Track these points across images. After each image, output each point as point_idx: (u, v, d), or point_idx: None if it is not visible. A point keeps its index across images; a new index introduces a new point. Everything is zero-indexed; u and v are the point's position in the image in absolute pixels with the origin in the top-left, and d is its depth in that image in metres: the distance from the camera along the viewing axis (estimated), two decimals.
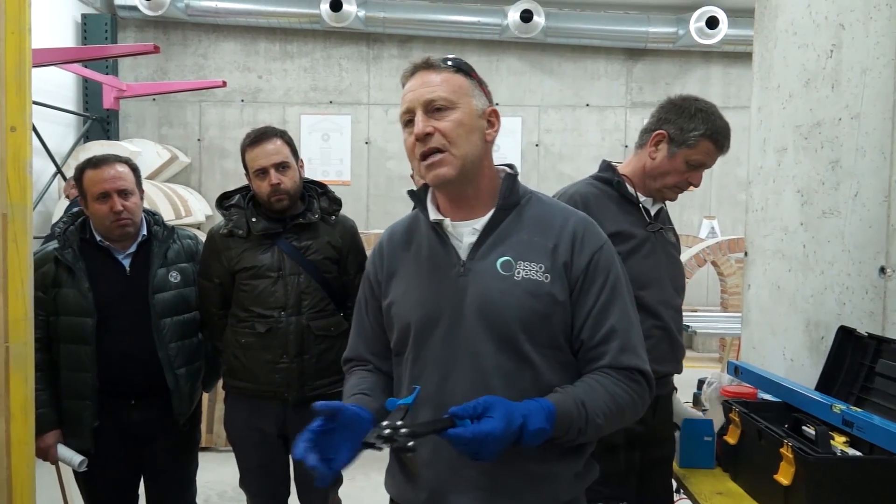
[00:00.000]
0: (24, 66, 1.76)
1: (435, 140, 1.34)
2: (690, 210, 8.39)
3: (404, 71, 1.42)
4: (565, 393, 1.29)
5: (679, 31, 7.74)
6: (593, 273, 1.36)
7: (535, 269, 1.35)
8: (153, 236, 2.41)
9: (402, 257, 1.47)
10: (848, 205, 2.13)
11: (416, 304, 1.40)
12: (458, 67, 1.39)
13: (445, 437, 1.18)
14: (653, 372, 2.06)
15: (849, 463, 1.67)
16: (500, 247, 1.37)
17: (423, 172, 1.38)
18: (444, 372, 1.35)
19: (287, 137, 2.43)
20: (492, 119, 1.42)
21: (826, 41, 2.25)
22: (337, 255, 2.48)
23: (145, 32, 8.09)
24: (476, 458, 1.18)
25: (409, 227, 1.52)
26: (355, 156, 8.30)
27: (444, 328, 1.36)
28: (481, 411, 1.18)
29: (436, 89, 1.35)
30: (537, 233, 1.39)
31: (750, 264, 2.77)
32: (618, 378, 1.33)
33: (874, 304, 2.02)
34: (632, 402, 1.34)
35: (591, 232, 1.41)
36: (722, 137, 2.01)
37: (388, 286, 1.47)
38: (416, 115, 1.36)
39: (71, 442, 2.30)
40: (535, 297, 1.34)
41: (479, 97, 1.40)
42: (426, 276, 1.41)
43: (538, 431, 1.21)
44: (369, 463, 1.61)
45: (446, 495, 1.35)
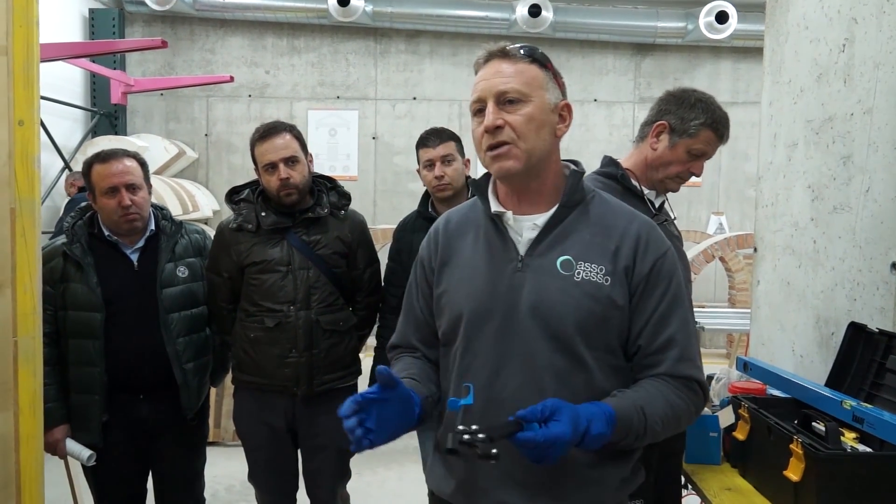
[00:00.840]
0: (32, 59, 1.75)
1: (504, 134, 1.31)
2: (698, 206, 8.36)
3: (477, 58, 1.38)
4: (625, 398, 1.27)
5: (688, 25, 7.69)
6: (655, 279, 1.34)
7: (596, 270, 1.32)
8: (161, 231, 2.41)
9: (457, 246, 1.44)
10: (859, 200, 2.11)
11: (470, 295, 1.37)
12: (534, 57, 1.35)
13: (514, 441, 1.16)
14: None
15: (859, 459, 1.65)
16: (561, 245, 1.35)
17: (487, 163, 1.35)
18: (495, 367, 1.33)
19: (296, 132, 2.43)
20: (563, 113, 1.38)
21: (838, 35, 2.23)
22: (346, 250, 2.48)
23: (153, 27, 8.10)
24: (540, 462, 1.16)
25: (466, 215, 1.48)
26: (362, 151, 8.30)
27: (498, 322, 1.34)
28: (549, 415, 1.17)
29: (509, 80, 1.31)
30: (599, 233, 1.36)
31: (759, 260, 2.76)
32: (675, 386, 1.32)
33: (885, 300, 2.00)
34: (688, 410, 1.34)
35: (655, 237, 1.38)
36: (722, 126, 2.02)
37: (441, 274, 1.45)
38: (487, 106, 1.32)
39: (79, 436, 2.31)
40: (595, 300, 1.31)
41: (552, 90, 1.36)
42: (482, 267, 1.38)
43: (599, 436, 1.20)
44: (376, 458, 1.61)
45: (486, 490, 1.34)
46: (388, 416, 1.20)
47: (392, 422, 1.21)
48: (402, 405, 1.23)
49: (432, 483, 1.47)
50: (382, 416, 1.20)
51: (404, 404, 1.23)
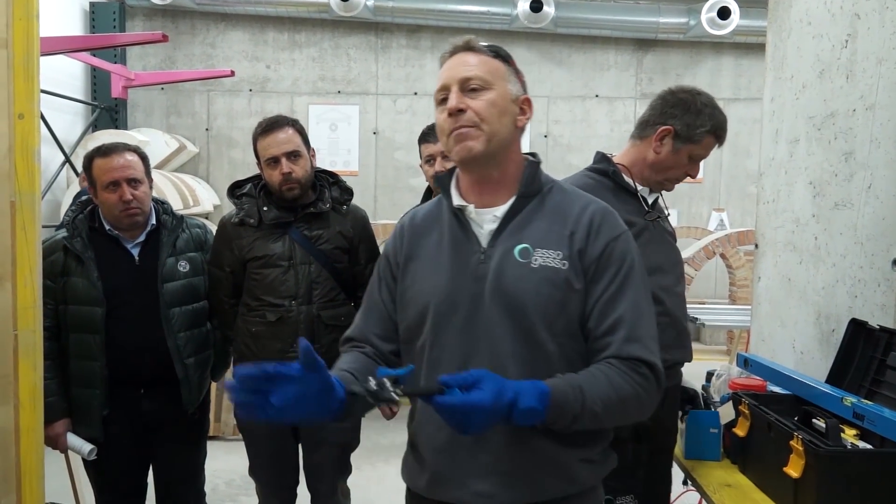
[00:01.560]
0: (32, 52, 1.75)
1: (467, 118, 1.35)
2: (699, 202, 8.35)
3: (443, 53, 1.43)
4: (565, 378, 1.28)
5: (690, 21, 7.68)
6: (606, 261, 1.35)
7: (553, 256, 1.35)
8: (162, 225, 2.41)
9: (422, 242, 1.47)
10: (861, 197, 2.11)
11: (436, 288, 1.40)
12: (497, 53, 1.41)
13: (433, 403, 1.17)
14: (661, 361, 2.04)
15: (859, 456, 1.66)
16: (520, 234, 1.38)
17: (451, 146, 1.38)
18: (464, 358, 1.35)
19: (299, 126, 2.43)
20: (524, 107, 1.43)
21: (841, 31, 2.22)
22: (348, 245, 2.48)
23: (153, 21, 8.09)
24: (462, 430, 1.17)
25: (432, 211, 1.52)
26: (363, 146, 8.29)
27: (464, 313, 1.36)
28: (472, 382, 1.18)
29: (472, 69, 1.37)
30: (556, 221, 1.39)
31: (760, 256, 2.76)
32: (621, 369, 1.31)
33: (886, 296, 2.00)
34: (635, 393, 1.31)
35: (609, 220, 1.40)
36: (723, 132, 2.04)
37: (406, 269, 1.47)
38: (450, 93, 1.37)
39: (80, 430, 2.31)
40: (553, 285, 1.33)
41: (514, 83, 1.41)
42: (447, 261, 1.41)
43: (528, 410, 1.20)
44: (376, 454, 1.61)
45: (462, 482, 1.35)
46: (298, 398, 1.14)
47: (302, 405, 1.15)
48: (321, 393, 1.17)
49: (406, 477, 1.48)
50: (292, 396, 1.14)
51: (323, 393, 1.18)
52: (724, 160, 8.22)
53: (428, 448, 1.40)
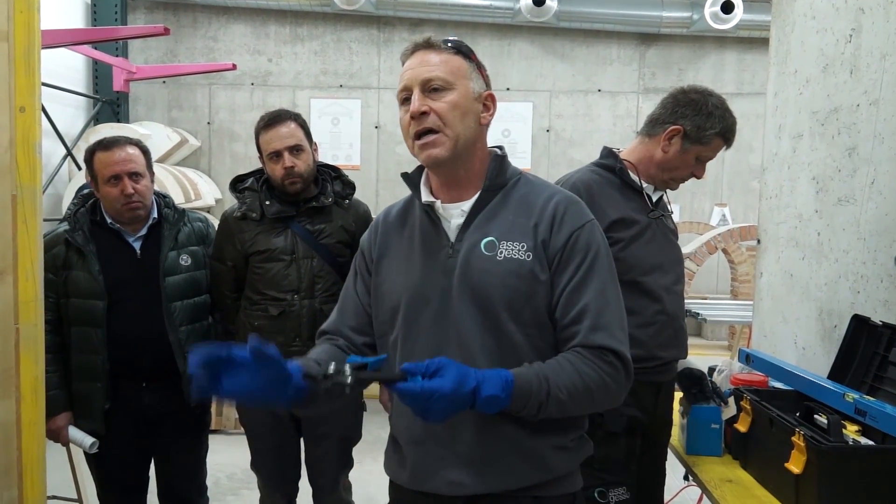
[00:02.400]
0: (33, 45, 1.75)
1: (430, 120, 1.36)
2: (702, 197, 8.33)
3: (404, 49, 1.43)
4: (529, 367, 1.30)
5: (693, 15, 7.64)
6: (570, 251, 1.36)
7: (518, 248, 1.36)
8: (164, 219, 2.41)
9: (394, 238, 1.50)
10: (864, 192, 2.10)
11: (407, 284, 1.42)
12: (458, 49, 1.41)
13: (394, 390, 1.20)
14: (657, 358, 2.03)
15: (861, 452, 1.65)
16: (486, 227, 1.40)
17: (416, 152, 1.39)
18: (435, 351, 1.36)
19: (301, 120, 2.43)
20: (487, 103, 1.44)
21: (845, 26, 2.21)
22: (350, 239, 2.48)
23: (155, 14, 8.07)
24: (425, 417, 1.19)
25: (404, 208, 1.54)
26: (365, 140, 8.28)
27: (434, 308, 1.38)
28: (433, 370, 1.20)
29: (434, 69, 1.37)
30: (522, 213, 1.40)
31: (763, 252, 2.75)
32: (587, 357, 1.31)
33: (889, 292, 1.99)
34: (602, 382, 1.31)
35: (574, 211, 1.40)
36: (732, 135, 2.04)
37: (379, 265, 1.50)
38: (412, 94, 1.37)
39: (82, 424, 2.32)
40: (518, 276, 1.35)
41: (476, 80, 1.42)
42: (418, 257, 1.43)
43: (491, 398, 1.21)
44: (378, 447, 1.61)
45: (438, 472, 1.37)
46: (248, 384, 1.17)
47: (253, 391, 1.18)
48: (273, 381, 1.19)
49: (388, 470, 1.50)
50: (242, 382, 1.17)
51: (277, 381, 1.20)
52: (727, 155, 8.19)
53: (405, 439, 1.43)
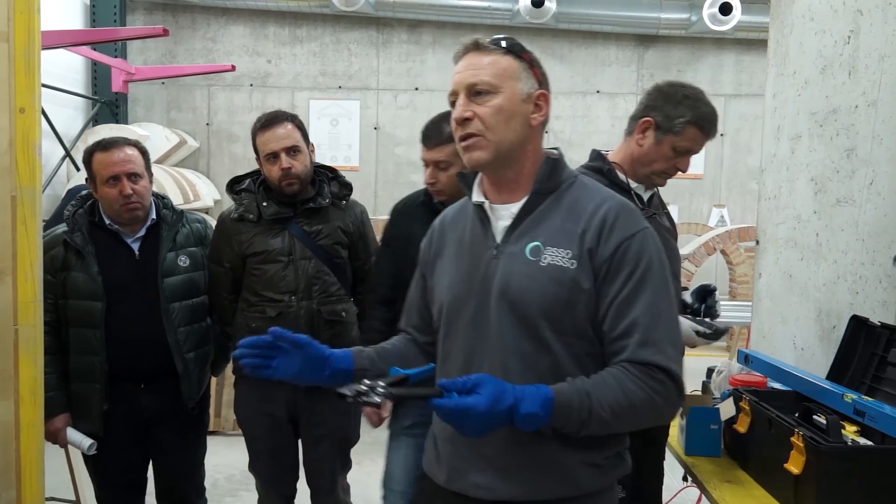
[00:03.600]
0: (33, 46, 1.74)
1: (473, 125, 1.35)
2: (700, 198, 8.34)
3: (455, 53, 1.42)
4: (572, 383, 1.26)
5: (692, 17, 7.66)
6: (620, 261, 1.31)
7: (562, 254, 1.33)
8: (162, 220, 2.40)
9: (449, 239, 1.50)
10: (863, 193, 2.10)
11: (451, 283, 1.43)
12: (509, 49, 1.38)
13: (430, 405, 1.20)
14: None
15: (860, 452, 1.66)
16: (533, 231, 1.37)
17: (461, 153, 1.39)
18: (470, 353, 1.37)
19: (298, 122, 2.42)
20: (539, 103, 1.40)
21: (843, 27, 2.21)
22: (347, 240, 2.48)
23: (154, 15, 8.07)
24: (462, 432, 1.19)
25: (460, 209, 1.54)
26: (364, 141, 8.28)
27: (472, 309, 1.38)
28: (470, 387, 1.19)
29: (479, 73, 1.35)
30: (570, 218, 1.36)
31: (761, 252, 2.75)
32: (634, 374, 1.26)
33: (888, 293, 2.00)
34: (649, 400, 1.26)
35: (625, 219, 1.35)
36: (708, 123, 2.02)
37: (434, 266, 1.51)
38: (458, 98, 1.37)
39: (80, 425, 2.31)
40: (559, 284, 1.31)
41: (526, 80, 1.38)
42: (465, 257, 1.43)
43: (529, 416, 1.19)
44: (376, 449, 1.62)
45: (464, 473, 1.37)
46: (290, 365, 1.39)
47: (293, 370, 1.39)
48: (310, 361, 1.39)
49: (425, 465, 1.51)
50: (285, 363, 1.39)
51: (314, 361, 1.39)
52: (726, 156, 8.20)
53: (440, 436, 1.45)
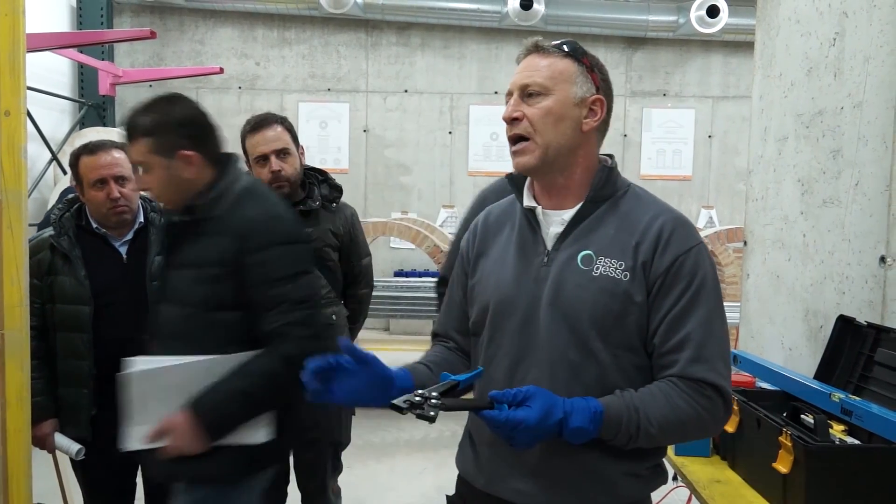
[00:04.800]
0: (18, 48, 1.73)
1: (521, 126, 1.34)
2: (689, 199, 8.38)
3: (518, 54, 1.42)
4: (621, 397, 1.26)
5: (679, 19, 7.70)
6: (675, 276, 1.30)
7: (615, 266, 1.31)
8: (150, 223, 2.39)
9: (493, 239, 1.48)
10: (849, 194, 2.12)
11: (498, 286, 1.41)
12: (569, 52, 1.37)
13: (480, 417, 1.20)
14: None
15: (847, 451, 1.67)
16: (585, 240, 1.35)
17: (511, 156, 1.39)
18: (516, 358, 1.36)
19: (287, 124, 2.42)
20: (594, 107, 1.38)
21: (829, 29, 2.23)
22: (338, 243, 2.47)
23: (141, 18, 8.03)
24: (511, 443, 1.19)
25: (506, 210, 1.52)
26: (353, 144, 8.27)
27: (521, 314, 1.36)
28: (521, 399, 1.19)
29: (534, 74, 1.35)
30: (624, 229, 1.34)
31: (749, 253, 2.77)
32: (684, 389, 1.26)
33: (874, 293, 2.01)
34: (696, 416, 1.26)
35: (681, 233, 1.34)
36: None
37: (476, 265, 1.49)
38: (511, 99, 1.37)
39: (68, 430, 2.29)
40: (611, 295, 1.30)
41: (582, 84, 1.36)
42: (512, 260, 1.41)
43: (578, 430, 1.20)
44: (367, 452, 1.62)
45: (505, 478, 1.36)
46: (352, 386, 1.29)
47: (356, 392, 1.29)
48: (375, 382, 1.30)
49: (459, 466, 1.50)
50: (347, 384, 1.29)
51: (378, 382, 1.30)
52: (714, 158, 8.25)
53: (480, 439, 1.43)
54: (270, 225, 1.77)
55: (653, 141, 8.31)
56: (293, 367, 1.51)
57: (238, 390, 1.68)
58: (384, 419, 2.45)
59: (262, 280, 1.72)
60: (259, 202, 1.82)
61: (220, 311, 1.74)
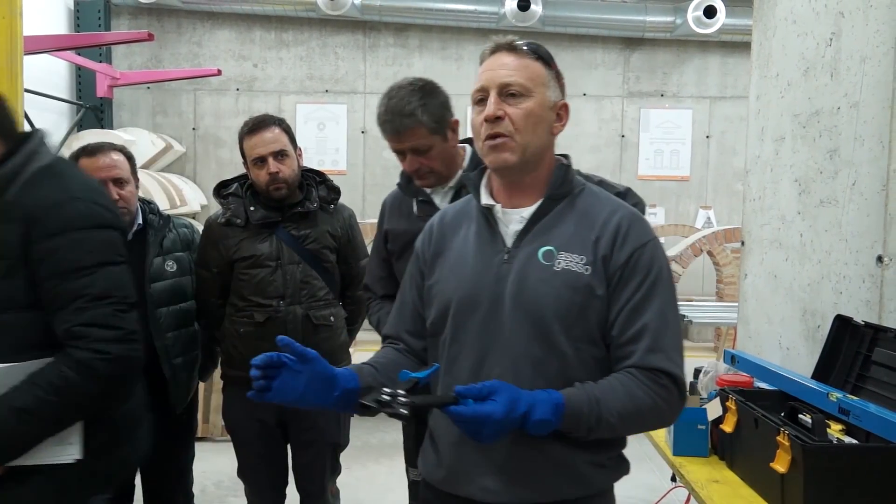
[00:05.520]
0: (16, 51, 1.74)
1: (503, 126, 1.35)
2: (687, 200, 8.39)
3: (484, 49, 1.41)
4: (582, 389, 1.28)
5: (676, 20, 7.71)
6: (632, 269, 1.34)
7: (577, 260, 1.35)
8: (149, 225, 2.39)
9: (450, 239, 1.49)
10: (846, 194, 2.13)
11: (459, 285, 1.41)
12: (539, 55, 1.39)
13: (446, 412, 1.21)
14: None
15: (845, 451, 1.67)
16: (545, 236, 1.38)
17: (485, 153, 1.38)
18: (480, 356, 1.37)
19: (285, 125, 2.42)
20: (561, 113, 1.42)
21: (825, 29, 2.24)
22: (336, 244, 2.48)
23: (139, 20, 8.03)
24: (476, 438, 1.20)
25: (461, 209, 1.53)
26: (351, 145, 8.27)
27: (484, 312, 1.37)
28: (486, 394, 1.20)
29: (513, 74, 1.35)
30: (583, 225, 1.38)
31: (747, 254, 2.77)
32: (641, 379, 1.30)
33: (871, 293, 2.02)
34: (653, 405, 1.30)
35: (637, 228, 1.38)
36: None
37: (434, 265, 1.49)
38: (489, 96, 1.36)
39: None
40: (574, 290, 1.33)
41: (553, 89, 1.40)
42: (472, 259, 1.42)
43: (541, 422, 1.22)
44: (366, 453, 1.62)
45: (471, 477, 1.37)
46: (295, 385, 1.26)
47: (299, 391, 1.27)
48: (318, 380, 1.28)
49: (423, 469, 1.50)
50: (289, 383, 1.26)
51: (321, 380, 1.28)
52: (712, 158, 8.25)
53: (443, 441, 1.43)
54: (67, 207, 1.49)
55: (650, 141, 8.31)
56: (91, 375, 1.38)
57: (19, 407, 1.42)
58: (383, 421, 2.44)
59: (53, 272, 1.45)
60: (58, 182, 1.53)
61: (11, 311, 1.47)
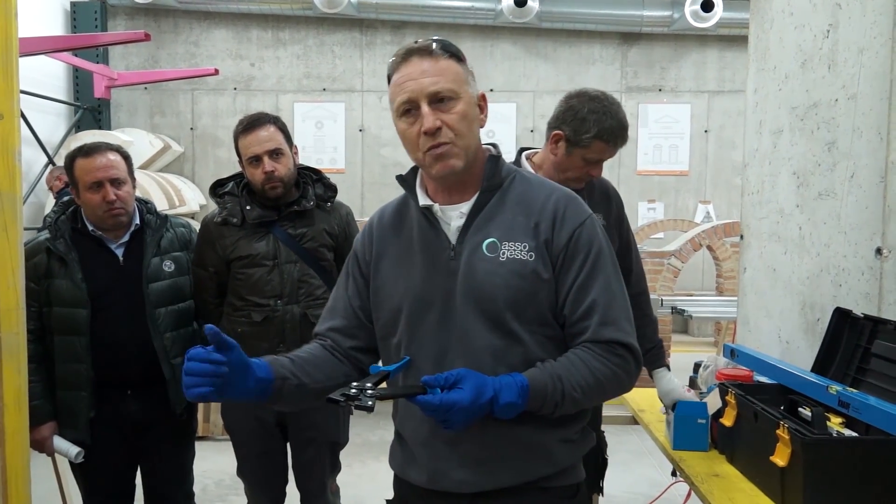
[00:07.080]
0: (11, 51, 1.73)
1: (444, 135, 1.34)
2: (686, 194, 8.39)
3: (394, 56, 1.40)
4: (542, 368, 1.32)
5: (674, 14, 7.71)
6: (574, 249, 1.37)
7: (520, 248, 1.37)
8: (146, 225, 2.39)
9: (391, 241, 1.49)
10: (844, 186, 2.12)
11: (408, 288, 1.42)
12: (453, 53, 1.39)
13: (414, 402, 1.23)
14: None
15: (845, 444, 1.67)
16: (486, 228, 1.40)
17: (428, 163, 1.37)
18: (440, 354, 1.38)
19: (280, 124, 2.41)
20: (481, 104, 1.44)
21: (823, 21, 2.23)
22: (333, 243, 2.47)
23: (136, 20, 8.02)
24: (446, 426, 1.23)
25: (399, 210, 1.53)
26: (349, 143, 8.27)
27: (438, 312, 1.38)
28: (453, 382, 1.23)
29: (439, 80, 1.34)
30: (521, 212, 1.40)
31: (745, 247, 2.77)
32: (598, 352, 1.34)
33: (870, 285, 2.01)
34: (613, 375, 1.35)
35: (574, 208, 1.41)
36: (613, 136, 2.10)
37: (378, 268, 1.49)
38: (421, 108, 1.34)
39: (67, 433, 2.29)
40: (521, 277, 1.36)
41: (472, 83, 1.41)
42: (418, 260, 1.42)
43: (508, 405, 1.25)
44: (366, 450, 1.61)
45: (446, 472, 1.38)
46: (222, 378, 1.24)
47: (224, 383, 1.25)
48: (236, 370, 1.26)
49: (396, 467, 1.51)
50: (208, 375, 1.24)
51: (238, 370, 1.26)
52: (710, 152, 8.25)
53: (412, 440, 1.44)
54: None
55: (649, 136, 8.31)
56: None
57: None
58: (383, 418, 2.44)
59: None
60: None
61: None
